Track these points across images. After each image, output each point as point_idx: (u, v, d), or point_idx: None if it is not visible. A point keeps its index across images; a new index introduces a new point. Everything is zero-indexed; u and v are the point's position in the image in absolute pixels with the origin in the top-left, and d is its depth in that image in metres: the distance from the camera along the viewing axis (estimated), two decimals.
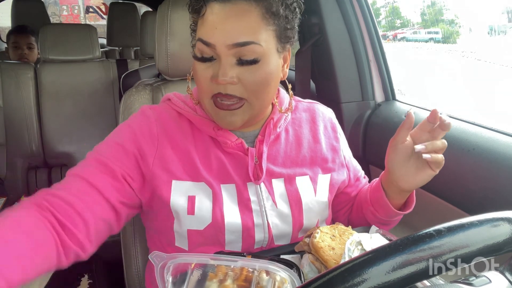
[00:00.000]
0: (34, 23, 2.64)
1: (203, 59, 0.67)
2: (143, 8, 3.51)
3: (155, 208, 0.74)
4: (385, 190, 0.80)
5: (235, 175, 0.75)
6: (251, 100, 0.69)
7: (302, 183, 0.79)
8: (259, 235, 0.74)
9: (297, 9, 0.71)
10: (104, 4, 6.86)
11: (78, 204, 0.64)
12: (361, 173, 0.93)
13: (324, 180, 0.82)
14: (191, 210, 0.71)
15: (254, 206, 0.75)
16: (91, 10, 7.46)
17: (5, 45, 2.70)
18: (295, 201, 0.77)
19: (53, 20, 5.63)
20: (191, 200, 0.72)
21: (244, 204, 0.74)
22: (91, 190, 0.67)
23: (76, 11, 7.48)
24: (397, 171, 0.75)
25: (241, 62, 0.66)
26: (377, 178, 0.85)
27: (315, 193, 0.79)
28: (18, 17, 3.06)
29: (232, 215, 0.73)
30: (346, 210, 0.92)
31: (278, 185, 0.77)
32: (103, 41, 3.18)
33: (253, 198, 0.75)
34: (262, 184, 0.76)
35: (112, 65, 2.24)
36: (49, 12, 4.15)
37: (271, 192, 0.76)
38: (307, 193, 0.78)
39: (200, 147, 0.75)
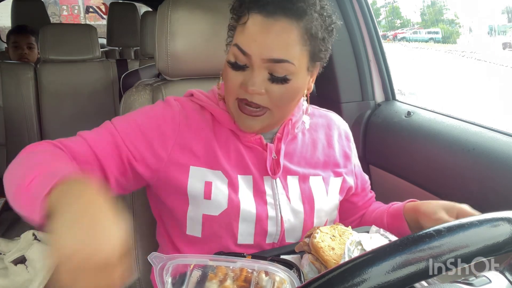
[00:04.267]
0: (34, 23, 2.63)
1: (236, 66, 0.69)
2: (143, 8, 3.51)
3: (170, 192, 0.76)
4: (408, 222, 0.80)
5: (253, 168, 0.77)
6: (274, 110, 0.71)
7: (315, 183, 0.81)
8: (272, 228, 0.76)
9: (333, 30, 0.72)
10: (104, 4, 6.86)
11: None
12: (368, 184, 0.95)
13: (335, 182, 0.84)
14: (207, 194, 0.73)
15: (269, 199, 0.77)
16: (91, 10, 7.45)
17: (5, 45, 2.70)
18: (307, 199, 0.79)
19: (53, 20, 5.62)
20: (208, 185, 0.74)
21: (259, 196, 0.76)
22: (93, 159, 0.69)
23: (76, 11, 7.48)
24: (429, 223, 0.75)
25: (273, 79, 0.68)
26: (396, 204, 0.86)
27: (327, 193, 0.82)
28: (18, 17, 3.06)
29: (247, 203, 0.74)
30: (353, 220, 0.93)
31: (293, 182, 0.79)
32: (103, 41, 3.18)
33: (268, 191, 0.77)
34: (277, 180, 0.78)
35: (112, 65, 2.24)
36: (49, 12, 4.14)
37: (285, 188, 0.78)
38: (319, 193, 0.81)
39: (220, 139, 0.77)
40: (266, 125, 0.74)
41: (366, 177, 0.94)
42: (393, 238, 0.73)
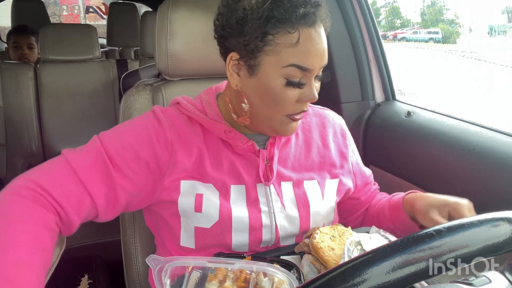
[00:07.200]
0: (34, 23, 2.63)
1: (293, 84, 0.67)
2: (143, 8, 3.51)
3: (163, 208, 0.75)
4: (408, 214, 0.80)
5: (246, 176, 0.75)
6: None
7: (310, 187, 0.79)
8: (267, 236, 0.75)
9: None
10: (104, 4, 6.86)
11: (66, 206, 0.63)
12: (370, 178, 0.93)
13: (331, 184, 0.82)
14: (198, 207, 0.72)
15: (263, 207, 0.75)
16: (91, 10, 7.45)
17: (5, 45, 2.70)
18: (303, 204, 0.78)
19: (53, 20, 5.62)
20: (199, 198, 0.72)
21: (253, 205, 0.75)
22: (79, 191, 0.65)
23: (76, 11, 7.48)
24: (423, 221, 0.75)
25: (318, 78, 0.70)
26: (397, 195, 0.86)
27: (323, 197, 0.80)
28: (18, 17, 3.06)
29: (240, 214, 0.73)
30: (357, 216, 0.92)
31: (287, 188, 0.78)
32: (103, 41, 3.17)
33: (262, 199, 0.75)
34: (271, 186, 0.77)
35: (112, 65, 2.24)
36: (49, 12, 4.14)
37: (280, 194, 0.77)
38: (314, 197, 0.79)
39: (211, 150, 0.75)
40: None
41: (368, 171, 0.92)
42: (393, 238, 0.73)
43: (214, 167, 0.74)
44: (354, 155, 0.90)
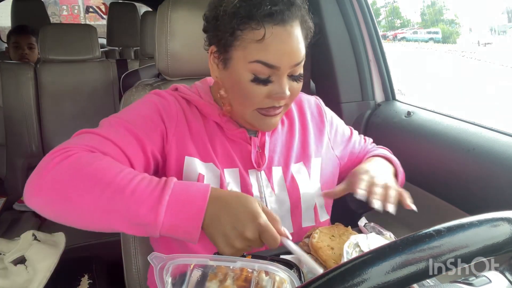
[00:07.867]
0: (34, 23, 2.63)
1: (260, 81, 0.69)
2: (143, 8, 3.51)
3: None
4: None
5: (239, 161, 0.79)
6: (289, 103, 0.75)
7: (297, 169, 0.83)
8: None
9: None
10: (104, 4, 6.86)
11: None
12: (356, 141, 0.97)
13: (316, 163, 0.86)
14: None
15: (255, 192, 0.79)
16: (91, 10, 7.45)
17: (5, 45, 2.69)
18: (292, 187, 0.81)
19: (53, 20, 5.62)
20: (200, 178, 0.75)
21: (246, 189, 0.78)
22: (123, 160, 0.67)
23: (76, 11, 7.48)
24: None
25: (293, 78, 0.71)
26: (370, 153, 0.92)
27: (309, 176, 0.84)
28: (18, 17, 3.06)
29: None
30: None
31: (277, 172, 0.82)
32: (103, 41, 3.17)
33: (254, 184, 0.79)
34: (262, 172, 0.80)
35: (112, 65, 2.24)
36: (49, 12, 4.14)
37: (270, 179, 0.81)
38: (302, 178, 0.83)
39: (208, 131, 0.79)
40: (281, 116, 0.77)
41: (355, 133, 0.97)
42: (386, 232, 0.74)
43: (212, 148, 0.78)
44: (333, 124, 0.93)
